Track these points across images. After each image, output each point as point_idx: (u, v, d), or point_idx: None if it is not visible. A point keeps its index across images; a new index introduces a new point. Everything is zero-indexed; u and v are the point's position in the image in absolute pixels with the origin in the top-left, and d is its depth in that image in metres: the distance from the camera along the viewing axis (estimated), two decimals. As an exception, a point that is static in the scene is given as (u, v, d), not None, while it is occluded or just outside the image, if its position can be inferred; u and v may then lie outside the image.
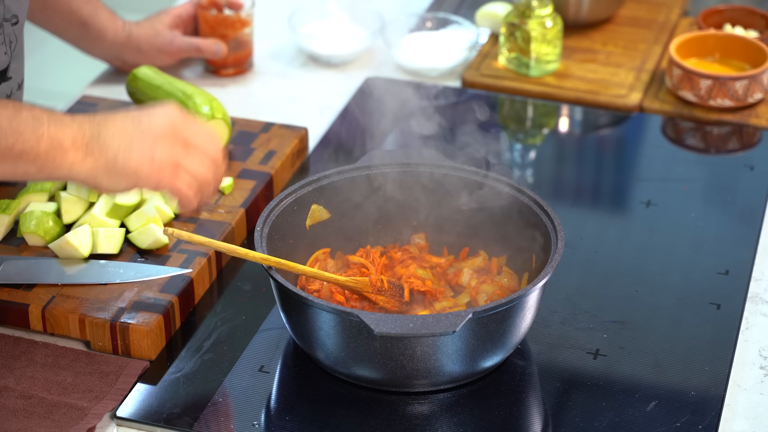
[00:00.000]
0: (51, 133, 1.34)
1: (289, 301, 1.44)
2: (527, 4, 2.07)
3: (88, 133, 1.35)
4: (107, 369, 1.48)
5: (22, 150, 1.32)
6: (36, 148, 1.33)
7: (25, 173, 1.35)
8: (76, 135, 1.34)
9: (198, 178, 1.39)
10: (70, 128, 1.34)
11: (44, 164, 1.34)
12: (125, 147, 1.35)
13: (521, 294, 1.39)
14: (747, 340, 1.55)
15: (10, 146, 1.32)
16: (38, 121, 1.34)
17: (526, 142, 2.01)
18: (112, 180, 1.36)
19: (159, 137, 1.36)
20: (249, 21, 2.08)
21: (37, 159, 1.33)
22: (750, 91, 1.98)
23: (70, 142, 1.34)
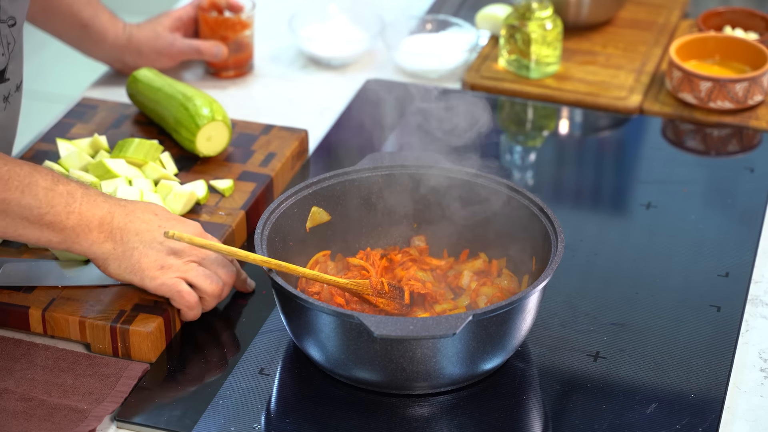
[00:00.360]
0: (82, 211, 1.46)
1: (289, 304, 1.44)
2: (527, 6, 2.07)
3: (116, 222, 1.48)
4: (107, 371, 1.48)
5: (51, 221, 1.44)
6: (64, 222, 1.45)
7: (48, 241, 1.46)
8: (104, 218, 1.47)
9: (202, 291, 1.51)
10: (100, 210, 1.47)
11: (68, 237, 1.46)
12: (143, 248, 1.48)
13: (521, 296, 1.39)
14: (747, 342, 1.55)
15: (42, 215, 1.43)
16: (72, 197, 1.45)
17: (526, 144, 2.01)
18: (120, 269, 1.48)
19: (174, 251, 1.50)
20: (249, 23, 2.08)
21: (63, 231, 1.45)
22: (750, 93, 1.99)
23: (96, 224, 1.47)
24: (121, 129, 1.89)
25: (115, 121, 1.90)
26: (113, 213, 1.48)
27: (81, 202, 1.45)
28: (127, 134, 1.87)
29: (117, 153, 1.74)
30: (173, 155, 1.81)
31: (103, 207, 1.47)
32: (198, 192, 1.70)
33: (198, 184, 1.72)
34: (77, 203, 1.45)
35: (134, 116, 1.92)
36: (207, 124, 1.79)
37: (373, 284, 1.52)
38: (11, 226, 1.43)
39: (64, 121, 1.91)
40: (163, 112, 1.85)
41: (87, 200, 1.46)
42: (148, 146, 1.74)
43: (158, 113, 1.86)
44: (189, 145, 1.80)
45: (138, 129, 1.89)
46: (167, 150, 1.82)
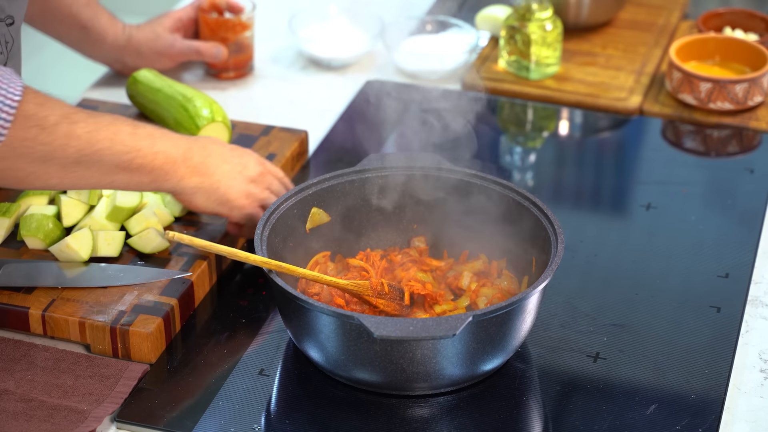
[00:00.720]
0: (166, 149, 1.52)
1: (289, 305, 1.44)
2: (527, 7, 2.07)
3: (196, 158, 1.55)
4: (107, 372, 1.48)
5: (141, 164, 1.49)
6: (153, 162, 1.50)
7: (139, 183, 1.51)
8: (186, 154, 1.54)
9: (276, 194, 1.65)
10: (180, 147, 1.54)
11: (157, 177, 1.52)
12: (228, 179, 1.58)
13: (521, 297, 1.39)
14: (747, 343, 1.55)
15: (131, 160, 1.48)
16: (153, 138, 1.51)
17: (526, 145, 2.01)
18: (209, 201, 1.58)
19: (254, 180, 1.61)
20: (249, 24, 2.08)
21: (153, 172, 1.51)
22: (750, 94, 1.99)
23: (181, 159, 1.53)
24: (121, 130, 1.89)
25: (115, 122, 1.90)
26: (192, 149, 1.55)
27: (162, 141, 1.51)
28: (127, 135, 1.87)
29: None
30: (173, 156, 1.81)
31: (181, 144, 1.54)
32: (198, 193, 1.70)
33: (198, 185, 1.72)
34: (159, 143, 1.51)
35: (134, 117, 1.92)
36: (207, 125, 1.79)
37: (373, 285, 1.52)
38: (105, 176, 1.47)
39: (64, 122, 1.91)
40: (163, 113, 1.85)
41: (166, 139, 1.52)
42: None
43: (158, 114, 1.86)
44: (189, 146, 1.80)
45: (138, 130, 1.89)
46: (167, 151, 1.82)
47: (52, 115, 1.42)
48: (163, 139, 1.52)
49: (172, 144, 1.53)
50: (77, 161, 1.44)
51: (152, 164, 1.50)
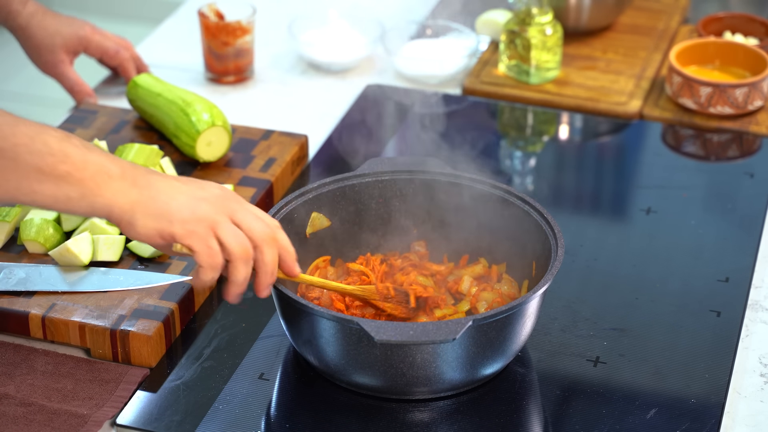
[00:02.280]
0: (99, 162, 1.31)
1: (289, 309, 1.44)
2: (527, 11, 2.07)
3: (139, 171, 1.34)
4: (107, 376, 1.48)
5: (67, 171, 1.29)
6: (81, 171, 1.30)
7: (67, 198, 1.30)
8: (125, 168, 1.33)
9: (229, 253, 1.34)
10: (120, 163, 1.33)
11: (87, 190, 1.30)
12: (171, 191, 1.34)
13: (521, 301, 1.39)
14: (747, 347, 1.55)
15: (55, 165, 1.29)
16: (88, 149, 1.32)
17: (526, 149, 2.01)
18: (147, 218, 1.32)
19: (207, 199, 1.35)
20: (250, 29, 2.08)
21: (82, 183, 1.30)
22: (750, 98, 1.99)
23: (118, 172, 1.32)
24: (121, 134, 1.89)
25: (115, 127, 1.91)
26: (135, 167, 1.34)
27: (98, 153, 1.32)
28: (127, 139, 1.87)
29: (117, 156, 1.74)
30: (173, 160, 1.82)
31: (122, 162, 1.33)
32: (198, 197, 1.70)
33: (198, 190, 1.72)
34: (94, 154, 1.31)
35: (134, 121, 1.92)
36: (207, 129, 1.79)
37: (379, 289, 1.52)
38: (24, 181, 1.28)
39: (65, 126, 1.91)
40: (163, 117, 1.85)
41: (105, 154, 1.33)
42: (148, 151, 1.75)
43: (158, 118, 1.86)
44: (189, 151, 1.80)
45: (138, 134, 1.89)
46: (167, 155, 1.82)
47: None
48: (101, 153, 1.32)
49: (111, 159, 1.32)
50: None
51: (80, 174, 1.29)
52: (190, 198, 1.34)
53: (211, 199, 1.35)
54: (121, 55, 2.04)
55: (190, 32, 2.26)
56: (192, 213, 1.33)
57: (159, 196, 1.33)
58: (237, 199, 1.37)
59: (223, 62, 2.10)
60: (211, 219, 1.33)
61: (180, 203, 1.33)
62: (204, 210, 1.34)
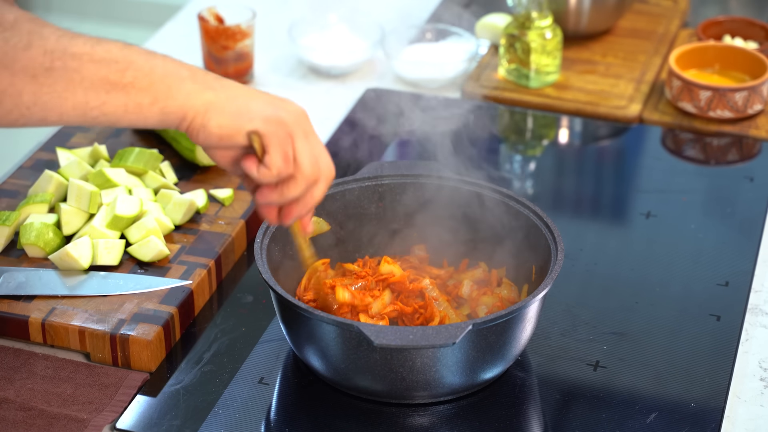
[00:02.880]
0: (166, 66, 1.24)
1: (288, 313, 1.44)
2: (527, 15, 2.07)
3: (210, 75, 1.28)
4: (107, 381, 1.48)
5: (135, 77, 1.22)
6: (150, 76, 1.23)
7: (138, 106, 1.23)
8: (195, 71, 1.26)
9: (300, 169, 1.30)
10: (188, 66, 1.26)
11: (159, 94, 1.23)
12: (249, 93, 1.28)
13: (521, 306, 1.39)
14: (747, 351, 1.55)
15: (121, 71, 1.21)
16: (151, 55, 1.24)
17: (525, 153, 2.01)
18: (223, 117, 1.26)
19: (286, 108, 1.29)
20: (250, 32, 2.09)
21: (151, 87, 1.23)
22: (750, 102, 1.99)
23: (188, 74, 1.25)
24: (121, 138, 1.89)
25: (115, 131, 1.91)
26: (205, 71, 1.28)
27: (163, 58, 1.25)
28: (127, 143, 1.87)
29: (117, 162, 1.74)
30: (173, 165, 1.82)
31: (191, 66, 1.27)
32: (198, 201, 1.71)
33: (198, 194, 1.72)
34: (159, 59, 1.24)
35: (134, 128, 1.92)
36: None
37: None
38: (91, 92, 1.20)
39: (65, 130, 1.91)
40: (163, 121, 1.85)
41: (171, 59, 1.25)
42: (147, 155, 1.75)
43: (158, 122, 1.86)
44: (189, 155, 1.80)
45: (138, 138, 1.89)
46: (167, 159, 1.82)
47: (10, 13, 1.18)
48: (164, 58, 1.25)
49: (177, 63, 1.25)
50: (48, 69, 1.18)
51: (150, 78, 1.22)
52: (270, 101, 1.29)
53: (291, 110, 1.30)
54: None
55: (190, 36, 2.26)
56: (274, 113, 1.28)
57: (237, 97, 1.27)
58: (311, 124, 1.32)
59: (223, 66, 2.10)
60: (291, 128, 1.29)
61: (261, 103, 1.28)
62: (285, 116, 1.28)
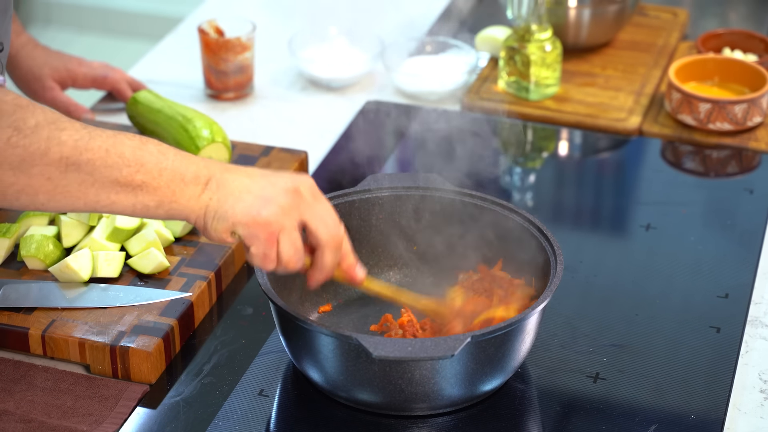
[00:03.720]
0: (174, 167, 1.33)
1: (288, 325, 1.44)
2: (527, 28, 2.07)
3: (214, 170, 1.35)
4: (107, 393, 1.48)
5: (143, 181, 1.31)
6: (157, 179, 1.32)
7: (145, 207, 1.33)
8: (199, 171, 1.34)
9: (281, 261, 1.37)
10: (194, 165, 1.34)
11: (164, 197, 1.33)
12: (240, 192, 1.34)
13: (520, 318, 1.39)
14: (747, 363, 1.55)
15: (132, 175, 1.31)
16: (164, 156, 1.33)
17: (525, 165, 2.01)
18: (216, 221, 1.34)
19: (274, 200, 1.35)
20: (250, 45, 2.09)
21: (158, 191, 1.32)
22: (749, 114, 1.99)
23: (191, 177, 1.33)
24: (121, 151, 1.89)
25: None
26: (210, 167, 1.35)
27: (174, 159, 1.33)
28: (127, 156, 1.87)
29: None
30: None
31: (198, 162, 1.35)
32: (198, 213, 1.70)
33: (198, 206, 1.72)
34: (169, 161, 1.33)
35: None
36: (207, 145, 1.80)
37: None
38: (102, 193, 1.31)
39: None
40: (163, 133, 1.85)
41: (180, 157, 1.34)
42: None
43: (158, 135, 1.86)
44: (189, 167, 1.80)
45: (138, 150, 1.89)
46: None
47: (32, 117, 1.28)
48: (177, 157, 1.34)
49: (186, 161, 1.34)
50: (64, 171, 1.29)
51: (156, 182, 1.32)
52: (256, 199, 1.34)
53: (279, 200, 1.35)
54: (111, 77, 2.03)
55: (190, 49, 2.27)
56: (255, 217, 1.33)
57: (227, 199, 1.34)
58: (308, 197, 1.37)
59: (223, 79, 2.10)
60: (275, 224, 1.34)
61: (246, 205, 1.34)
62: (268, 213, 1.34)
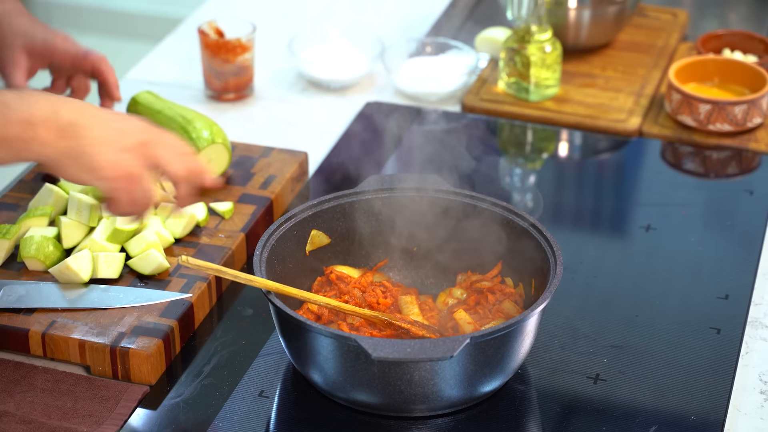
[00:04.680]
0: (21, 116, 1.35)
1: (287, 326, 1.44)
2: (527, 29, 2.07)
3: (63, 118, 1.37)
4: (107, 394, 1.48)
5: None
6: (7, 133, 1.34)
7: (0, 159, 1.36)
8: (47, 116, 1.36)
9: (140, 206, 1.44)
10: (41, 109, 1.36)
11: (15, 147, 1.35)
12: (97, 143, 1.38)
13: (519, 319, 1.39)
14: (747, 364, 1.55)
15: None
16: (6, 107, 1.35)
17: (525, 166, 2.01)
18: (74, 170, 1.38)
19: (131, 148, 1.40)
20: (250, 46, 2.09)
21: (9, 143, 1.35)
22: (749, 115, 1.99)
23: (41, 121, 1.36)
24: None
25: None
26: (57, 110, 1.38)
27: (18, 107, 1.35)
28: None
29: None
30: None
31: (44, 106, 1.37)
32: (198, 214, 1.71)
33: (198, 207, 1.72)
34: (13, 110, 1.35)
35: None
36: (207, 146, 1.80)
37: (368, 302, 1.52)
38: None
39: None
40: (163, 134, 1.85)
41: (24, 104, 1.36)
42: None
43: (158, 136, 1.86)
44: (189, 168, 1.80)
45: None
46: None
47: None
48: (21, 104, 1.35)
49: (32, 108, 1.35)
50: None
51: (6, 135, 1.34)
52: (115, 150, 1.39)
53: (135, 147, 1.41)
54: (93, 56, 1.86)
55: (190, 50, 2.27)
56: (116, 169, 1.39)
57: (86, 149, 1.38)
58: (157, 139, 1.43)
59: (223, 80, 2.10)
60: (134, 173, 1.41)
61: (106, 158, 1.39)
62: (127, 163, 1.40)
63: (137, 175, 1.41)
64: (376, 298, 1.55)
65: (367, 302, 1.55)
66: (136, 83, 2.16)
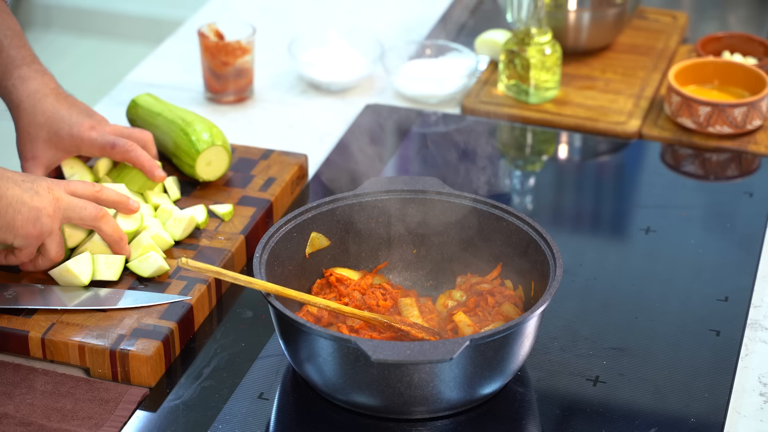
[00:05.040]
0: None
1: (287, 328, 1.44)
2: (526, 31, 2.07)
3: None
4: (107, 396, 1.48)
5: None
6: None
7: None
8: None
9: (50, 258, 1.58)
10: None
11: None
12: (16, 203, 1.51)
13: (519, 321, 1.40)
14: (747, 366, 1.55)
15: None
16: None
17: (525, 168, 2.01)
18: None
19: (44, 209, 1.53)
20: (249, 49, 2.09)
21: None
22: (749, 118, 1.99)
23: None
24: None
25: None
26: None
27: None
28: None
29: (116, 176, 1.76)
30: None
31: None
32: (198, 217, 1.71)
33: (198, 209, 1.72)
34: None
35: (134, 141, 1.92)
36: (207, 149, 1.80)
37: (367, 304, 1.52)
38: None
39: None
40: (163, 137, 1.85)
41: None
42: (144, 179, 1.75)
43: (158, 138, 1.86)
44: (189, 170, 1.81)
45: (138, 154, 1.89)
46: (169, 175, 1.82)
47: None
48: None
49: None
50: None
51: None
52: (31, 210, 1.52)
53: (48, 209, 1.54)
54: (120, 148, 1.74)
55: (190, 52, 2.27)
56: (32, 229, 1.53)
57: (7, 210, 1.50)
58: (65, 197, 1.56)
59: (223, 82, 2.10)
60: (47, 232, 1.55)
61: (23, 218, 1.52)
62: (42, 224, 1.53)
63: (48, 232, 1.54)
64: (375, 300, 1.55)
65: (366, 304, 1.55)
66: (136, 85, 2.17)
